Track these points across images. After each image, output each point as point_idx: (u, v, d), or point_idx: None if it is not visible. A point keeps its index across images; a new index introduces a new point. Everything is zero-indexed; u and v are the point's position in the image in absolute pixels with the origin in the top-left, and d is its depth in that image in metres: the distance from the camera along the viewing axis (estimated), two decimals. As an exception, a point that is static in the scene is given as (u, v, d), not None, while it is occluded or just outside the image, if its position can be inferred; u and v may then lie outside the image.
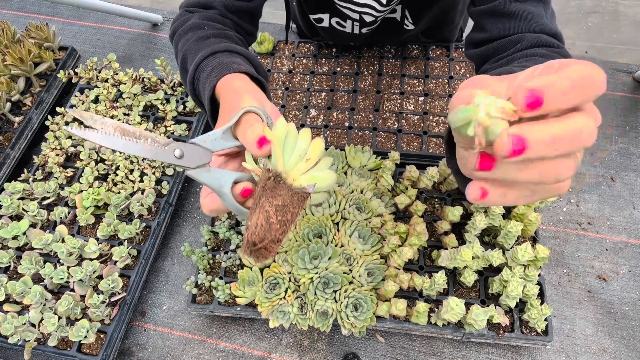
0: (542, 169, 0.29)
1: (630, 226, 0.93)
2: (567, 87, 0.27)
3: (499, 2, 0.64)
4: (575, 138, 0.28)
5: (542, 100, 0.27)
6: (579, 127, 0.28)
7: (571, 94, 0.27)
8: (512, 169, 0.29)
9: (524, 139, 0.27)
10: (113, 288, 0.85)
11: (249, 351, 0.86)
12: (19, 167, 1.07)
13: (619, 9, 2.51)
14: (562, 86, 0.27)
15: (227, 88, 0.52)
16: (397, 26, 1.02)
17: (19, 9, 1.42)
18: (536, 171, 0.29)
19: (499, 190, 0.31)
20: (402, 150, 0.96)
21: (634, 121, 1.06)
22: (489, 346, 0.83)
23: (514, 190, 0.32)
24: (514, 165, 0.29)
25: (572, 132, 0.28)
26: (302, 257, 0.79)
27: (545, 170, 0.29)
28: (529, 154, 0.27)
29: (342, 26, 1.00)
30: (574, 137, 0.28)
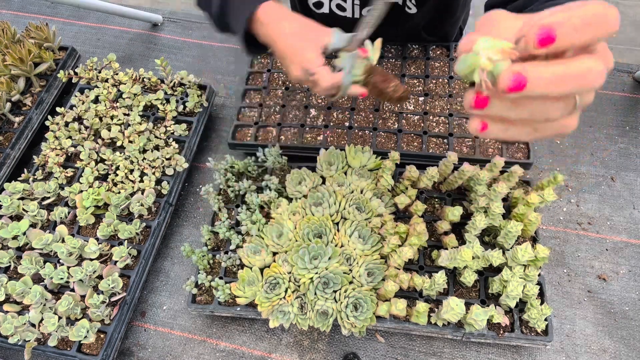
0: (533, 107, 0.31)
1: (630, 226, 0.93)
2: (579, 23, 0.28)
3: None
4: (580, 79, 0.29)
5: (554, 36, 0.28)
6: (587, 68, 0.29)
7: (583, 31, 0.28)
8: (504, 107, 0.31)
9: (525, 76, 0.28)
10: (113, 288, 0.85)
11: (249, 351, 0.86)
12: (19, 167, 1.07)
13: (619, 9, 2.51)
14: (574, 22, 0.28)
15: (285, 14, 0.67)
16: (398, 11, 1.01)
17: (19, 9, 1.43)
18: (526, 110, 0.31)
19: (499, 125, 0.34)
20: (402, 150, 0.96)
21: (634, 121, 1.06)
22: (489, 346, 0.83)
23: (514, 127, 0.34)
24: (505, 104, 0.31)
25: (578, 72, 0.29)
26: (302, 257, 0.79)
27: (535, 109, 0.31)
28: (529, 90, 0.28)
29: (343, 9, 0.99)
30: (580, 77, 0.29)
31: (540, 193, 0.80)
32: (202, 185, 0.93)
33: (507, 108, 0.32)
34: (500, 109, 0.32)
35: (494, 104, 0.31)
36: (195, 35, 1.32)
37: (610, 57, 0.33)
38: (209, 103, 1.11)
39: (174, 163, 1.00)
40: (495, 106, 0.32)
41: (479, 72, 0.29)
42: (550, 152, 1.03)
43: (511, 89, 0.29)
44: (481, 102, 0.31)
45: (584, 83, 0.30)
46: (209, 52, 1.28)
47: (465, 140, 0.96)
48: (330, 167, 0.92)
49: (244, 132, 1.04)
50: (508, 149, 0.95)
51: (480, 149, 0.95)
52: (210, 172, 1.07)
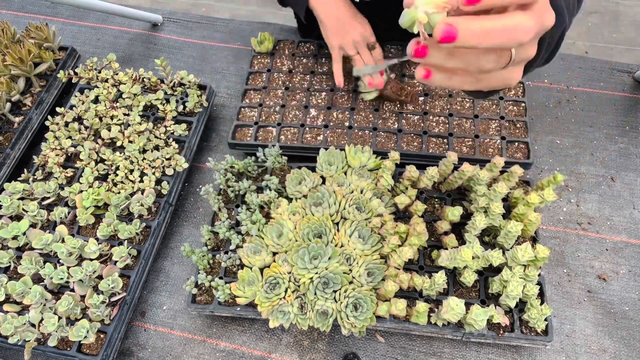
0: (467, 57, 0.35)
1: (630, 226, 0.93)
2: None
3: None
4: (507, 33, 0.32)
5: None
6: (514, 24, 0.32)
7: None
8: (441, 57, 0.35)
9: (455, 28, 0.31)
10: (113, 288, 0.85)
11: (249, 351, 0.86)
12: (19, 167, 1.07)
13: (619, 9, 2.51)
14: None
15: None
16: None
17: (19, 9, 1.43)
18: (461, 60, 0.35)
19: (442, 74, 0.37)
20: (402, 150, 0.96)
21: (634, 121, 1.06)
22: (489, 346, 0.83)
23: (457, 76, 0.37)
24: (442, 54, 0.35)
25: (505, 27, 0.32)
26: (302, 257, 0.79)
27: (469, 59, 0.35)
28: (459, 41, 0.32)
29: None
30: (507, 32, 0.32)
31: (540, 193, 0.80)
32: (202, 185, 0.93)
33: (444, 57, 0.35)
34: (438, 58, 0.35)
35: (432, 54, 0.35)
36: (195, 35, 1.32)
37: (547, 15, 0.36)
38: (209, 103, 1.11)
39: (174, 163, 1.00)
40: (433, 56, 0.35)
41: (417, 25, 0.33)
42: (550, 152, 1.03)
43: (442, 39, 0.32)
44: (421, 51, 0.35)
45: (511, 37, 0.33)
46: (209, 52, 1.28)
47: (465, 140, 0.96)
48: (330, 167, 0.92)
49: (243, 132, 1.04)
50: (508, 148, 0.95)
51: (480, 149, 0.95)
52: (210, 172, 1.07)
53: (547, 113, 1.08)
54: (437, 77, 0.37)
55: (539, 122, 1.07)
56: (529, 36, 0.33)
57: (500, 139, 0.96)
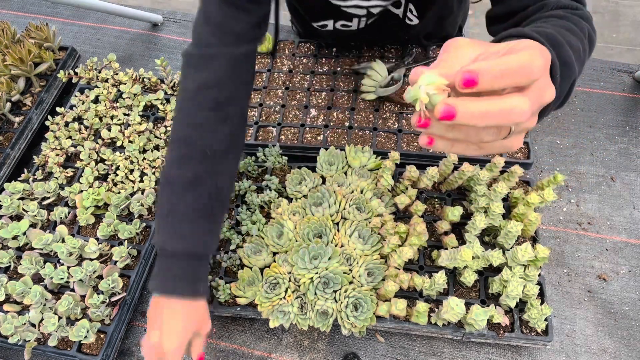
0: (467, 131, 0.37)
1: (630, 226, 0.93)
2: (499, 72, 0.34)
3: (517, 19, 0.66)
4: (503, 115, 0.35)
5: (477, 81, 0.34)
6: (510, 107, 0.35)
7: (503, 79, 0.34)
8: (442, 128, 0.38)
9: (454, 109, 0.34)
10: (113, 288, 0.85)
11: (249, 351, 0.86)
12: (19, 167, 1.07)
13: (619, 9, 2.51)
14: (495, 72, 0.34)
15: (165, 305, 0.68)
16: (399, 23, 1.01)
17: (19, 9, 1.43)
18: (461, 132, 0.38)
19: (444, 142, 0.40)
20: (402, 150, 0.96)
21: (634, 121, 1.06)
22: (489, 346, 0.83)
23: (459, 144, 0.40)
24: (444, 126, 0.37)
25: (502, 109, 0.35)
26: (302, 257, 0.79)
27: (469, 133, 0.38)
28: (458, 120, 0.34)
29: (347, 26, 1.00)
30: (503, 113, 0.35)
31: (540, 193, 0.80)
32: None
33: (445, 129, 0.38)
34: (439, 129, 0.38)
35: (434, 125, 0.37)
36: (195, 35, 1.32)
37: (546, 92, 0.39)
38: (209, 103, 1.11)
39: (173, 163, 1.00)
40: (435, 127, 0.38)
41: (419, 103, 0.36)
42: (550, 152, 1.03)
43: (442, 118, 0.34)
44: (423, 123, 0.37)
45: (507, 119, 0.35)
46: (209, 52, 1.28)
47: (465, 140, 0.96)
48: (330, 167, 0.92)
49: (244, 132, 1.04)
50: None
51: (480, 149, 0.95)
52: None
53: (547, 113, 1.08)
54: (439, 144, 0.40)
55: (538, 122, 1.07)
56: (525, 117, 0.35)
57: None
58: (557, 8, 0.63)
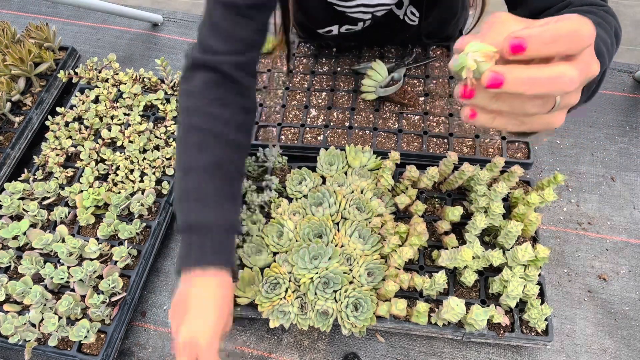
0: (512, 102, 0.37)
1: (630, 226, 0.93)
2: (548, 38, 0.33)
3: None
4: (552, 82, 0.34)
5: (525, 46, 0.33)
6: (558, 74, 0.34)
7: (552, 45, 0.33)
8: (487, 99, 0.37)
9: (502, 76, 0.34)
10: (113, 288, 0.85)
11: (249, 351, 0.86)
12: (19, 167, 1.07)
13: (619, 9, 2.51)
14: (544, 37, 0.33)
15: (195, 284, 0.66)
16: (400, 24, 1.01)
17: (19, 9, 1.43)
18: (506, 103, 0.37)
19: (487, 115, 0.39)
20: (402, 150, 0.96)
21: (634, 121, 1.06)
22: (489, 346, 0.83)
23: (501, 117, 0.39)
24: (489, 95, 0.37)
25: (550, 76, 0.34)
26: (302, 257, 0.79)
27: (513, 104, 0.37)
28: (505, 87, 0.34)
29: (352, 29, 1.01)
30: (551, 81, 0.34)
31: (540, 193, 0.80)
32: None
33: (490, 100, 0.37)
34: (484, 100, 0.37)
35: (479, 96, 0.37)
36: (195, 35, 1.31)
37: (593, 64, 0.37)
38: (209, 103, 1.11)
39: (174, 163, 1.00)
40: (480, 98, 0.37)
41: (466, 71, 0.36)
42: (550, 152, 1.03)
43: (490, 85, 0.34)
44: (468, 93, 0.37)
45: (555, 87, 0.34)
46: (209, 52, 1.28)
47: (465, 140, 0.96)
48: (330, 167, 0.92)
49: (244, 132, 1.04)
50: (508, 148, 0.95)
51: (481, 149, 0.95)
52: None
53: (547, 113, 1.08)
54: (482, 117, 0.39)
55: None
56: (574, 86, 0.35)
57: (501, 139, 0.96)
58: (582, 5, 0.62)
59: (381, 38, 1.11)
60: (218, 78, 0.70)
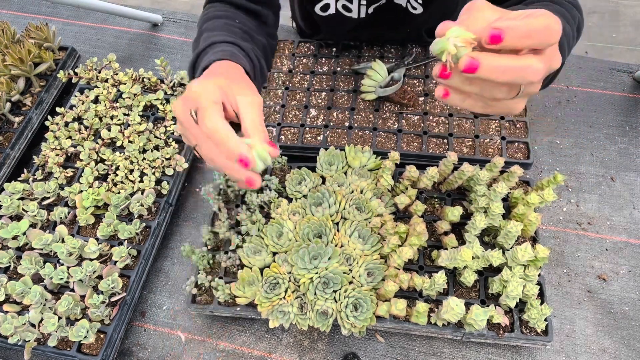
0: (483, 86, 0.41)
1: (630, 226, 0.93)
2: (524, 32, 0.37)
3: None
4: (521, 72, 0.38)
5: (503, 37, 0.37)
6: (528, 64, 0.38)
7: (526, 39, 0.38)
8: (461, 81, 0.41)
9: (478, 62, 0.38)
10: (113, 288, 0.85)
11: (249, 351, 0.86)
12: (19, 167, 1.07)
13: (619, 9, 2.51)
14: (520, 31, 0.37)
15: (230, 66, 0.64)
16: (403, 13, 1.01)
17: (19, 9, 1.43)
18: (477, 87, 0.41)
19: (458, 95, 0.43)
20: (402, 150, 0.96)
21: (634, 121, 1.06)
22: (489, 346, 0.83)
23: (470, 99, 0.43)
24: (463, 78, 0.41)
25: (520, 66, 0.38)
26: (302, 257, 0.79)
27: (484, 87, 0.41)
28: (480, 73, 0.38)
29: (349, 10, 1.00)
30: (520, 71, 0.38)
31: (540, 193, 0.80)
32: (202, 185, 0.93)
33: (463, 82, 0.41)
34: (458, 82, 0.41)
35: (454, 78, 0.41)
36: (195, 35, 1.32)
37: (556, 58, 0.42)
38: (209, 103, 1.11)
39: (173, 163, 1.00)
40: (455, 79, 0.41)
41: (446, 54, 0.39)
42: (550, 152, 1.03)
43: (466, 70, 0.38)
44: (446, 74, 0.41)
45: (523, 76, 0.39)
46: (209, 52, 1.28)
47: (465, 140, 0.96)
48: (330, 167, 0.92)
49: (243, 132, 1.04)
50: (508, 149, 0.95)
51: (480, 149, 0.95)
52: (210, 172, 1.07)
53: (547, 113, 1.08)
54: (454, 97, 0.43)
55: (538, 122, 1.07)
56: (539, 77, 0.39)
57: (500, 139, 0.96)
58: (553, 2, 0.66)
59: (383, 30, 1.10)
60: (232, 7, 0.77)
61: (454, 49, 0.38)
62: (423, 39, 1.11)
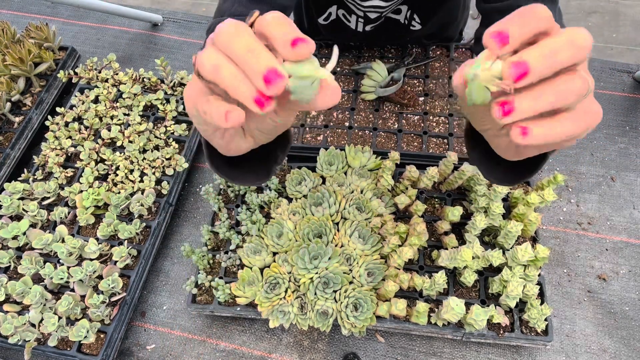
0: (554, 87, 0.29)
1: (630, 226, 0.93)
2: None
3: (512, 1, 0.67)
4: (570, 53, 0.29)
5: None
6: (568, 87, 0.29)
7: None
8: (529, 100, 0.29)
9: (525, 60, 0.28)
10: (113, 288, 0.85)
11: (249, 351, 0.86)
12: (19, 167, 1.07)
13: (619, 9, 2.51)
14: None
15: None
16: (402, 28, 1.02)
17: (19, 9, 1.42)
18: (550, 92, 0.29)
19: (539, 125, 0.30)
20: (402, 150, 0.96)
21: (634, 121, 1.06)
22: (489, 346, 0.83)
23: (555, 122, 0.31)
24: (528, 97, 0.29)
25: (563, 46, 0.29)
26: (302, 257, 0.79)
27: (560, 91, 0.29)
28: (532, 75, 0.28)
29: (348, 20, 1.00)
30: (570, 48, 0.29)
31: (540, 193, 0.80)
32: (202, 185, 0.93)
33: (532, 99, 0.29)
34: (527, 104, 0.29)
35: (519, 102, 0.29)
36: (195, 35, 1.32)
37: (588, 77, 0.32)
38: (209, 103, 1.11)
39: (174, 163, 1.00)
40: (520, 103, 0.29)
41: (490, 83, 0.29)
42: (550, 152, 1.03)
43: (518, 77, 0.28)
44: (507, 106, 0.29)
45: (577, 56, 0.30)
46: (209, 52, 1.28)
47: (465, 140, 0.96)
48: (330, 167, 0.92)
49: (244, 132, 1.04)
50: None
51: (480, 149, 0.95)
52: (210, 172, 1.07)
53: (547, 113, 1.08)
54: (537, 131, 0.30)
55: None
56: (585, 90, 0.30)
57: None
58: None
59: (383, 41, 1.11)
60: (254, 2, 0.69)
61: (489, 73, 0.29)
62: (422, 42, 1.11)
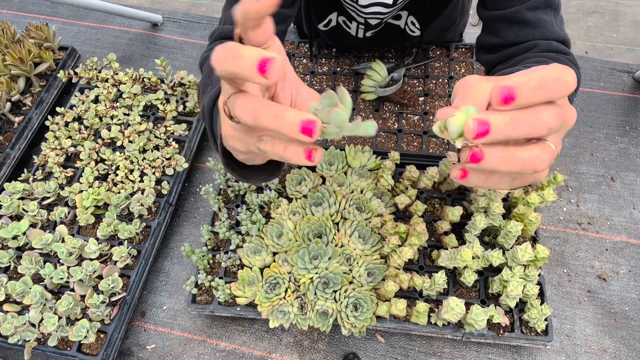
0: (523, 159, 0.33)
1: (630, 226, 0.93)
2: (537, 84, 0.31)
3: (515, 10, 0.67)
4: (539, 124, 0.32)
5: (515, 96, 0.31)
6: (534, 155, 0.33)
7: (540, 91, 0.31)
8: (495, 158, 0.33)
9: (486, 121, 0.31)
10: (113, 288, 0.85)
11: (249, 351, 0.86)
12: (19, 167, 1.07)
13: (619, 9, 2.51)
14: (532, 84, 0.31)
15: None
16: (401, 34, 1.02)
17: (19, 9, 1.43)
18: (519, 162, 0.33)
19: (479, 175, 0.36)
20: (402, 150, 0.96)
21: (634, 121, 1.06)
22: (489, 346, 0.83)
23: (494, 177, 0.36)
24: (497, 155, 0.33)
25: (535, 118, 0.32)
26: (302, 257, 0.79)
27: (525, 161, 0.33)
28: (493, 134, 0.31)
29: (348, 27, 1.01)
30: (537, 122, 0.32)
31: (540, 193, 0.80)
32: (202, 185, 0.93)
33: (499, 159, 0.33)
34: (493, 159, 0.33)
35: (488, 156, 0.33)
36: (195, 35, 1.32)
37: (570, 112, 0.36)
38: (209, 103, 1.11)
39: (174, 163, 1.00)
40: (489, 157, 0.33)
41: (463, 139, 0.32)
42: (550, 152, 1.03)
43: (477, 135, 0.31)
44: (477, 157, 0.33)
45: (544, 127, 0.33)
46: (209, 52, 1.28)
47: (465, 140, 0.96)
48: (330, 167, 0.92)
49: (244, 132, 1.04)
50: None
51: (480, 149, 0.95)
52: (210, 172, 1.07)
53: (547, 113, 1.08)
54: (474, 177, 0.36)
55: None
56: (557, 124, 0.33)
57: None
58: (549, 51, 0.64)
59: (383, 45, 1.12)
60: None
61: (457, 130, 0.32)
62: (422, 46, 1.12)
